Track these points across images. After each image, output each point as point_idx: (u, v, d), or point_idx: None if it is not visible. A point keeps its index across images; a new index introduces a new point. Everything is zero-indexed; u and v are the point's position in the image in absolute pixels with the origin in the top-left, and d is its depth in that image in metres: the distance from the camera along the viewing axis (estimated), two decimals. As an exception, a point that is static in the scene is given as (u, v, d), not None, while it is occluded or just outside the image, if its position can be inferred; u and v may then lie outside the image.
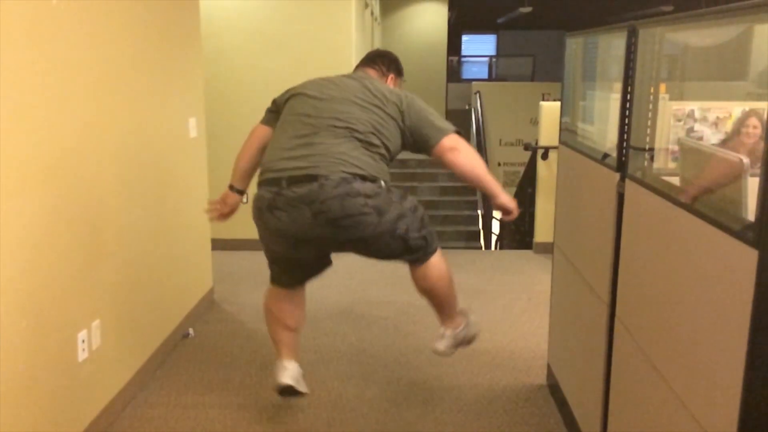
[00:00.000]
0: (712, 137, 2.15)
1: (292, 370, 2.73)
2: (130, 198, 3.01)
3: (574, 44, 3.01)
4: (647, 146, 2.09)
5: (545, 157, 5.51)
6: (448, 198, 10.13)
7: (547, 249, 4.72)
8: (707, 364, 1.50)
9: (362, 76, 2.67)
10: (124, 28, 2.93)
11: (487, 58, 17.30)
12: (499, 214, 2.76)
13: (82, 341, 2.58)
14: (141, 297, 3.16)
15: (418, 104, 2.55)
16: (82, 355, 2.58)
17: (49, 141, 2.34)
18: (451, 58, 14.71)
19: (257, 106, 5.51)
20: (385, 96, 2.51)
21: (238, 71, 5.50)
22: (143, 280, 3.18)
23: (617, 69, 2.19)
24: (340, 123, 2.43)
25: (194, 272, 4.02)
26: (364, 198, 2.35)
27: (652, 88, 2.09)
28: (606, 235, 2.22)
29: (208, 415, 2.92)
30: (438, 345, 2.78)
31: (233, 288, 4.61)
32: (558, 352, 3.04)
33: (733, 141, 2.10)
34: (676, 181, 1.86)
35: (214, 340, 3.73)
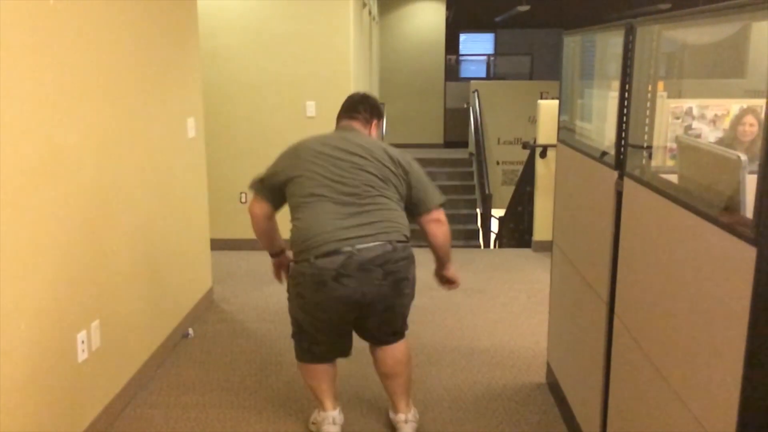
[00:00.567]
0: (710, 135, 2.15)
1: (340, 418, 2.72)
2: (128, 198, 3.01)
3: (572, 43, 3.01)
4: (645, 144, 2.09)
5: (544, 155, 5.51)
6: (447, 197, 10.07)
7: (546, 247, 4.73)
8: (706, 361, 1.50)
9: (357, 135, 2.63)
10: (122, 28, 2.93)
11: (485, 57, 17.28)
12: (440, 281, 2.88)
13: (82, 342, 2.58)
14: (140, 297, 3.16)
15: (417, 168, 2.65)
16: (82, 356, 2.58)
17: (47, 142, 2.34)
18: (449, 56, 14.69)
19: (255, 106, 5.55)
20: (392, 158, 2.58)
21: (236, 71, 5.50)
22: (142, 281, 3.18)
23: (615, 67, 2.19)
24: (373, 191, 2.49)
25: (193, 272, 4.02)
26: (413, 262, 2.54)
27: (650, 86, 2.09)
28: (604, 233, 2.22)
29: (208, 415, 2.92)
30: None
31: (233, 288, 4.61)
32: (557, 351, 3.04)
33: (730, 138, 2.11)
34: (674, 178, 1.86)
35: (213, 340, 3.73)
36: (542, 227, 5.60)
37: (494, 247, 9.36)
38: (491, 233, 9.45)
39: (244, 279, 4.82)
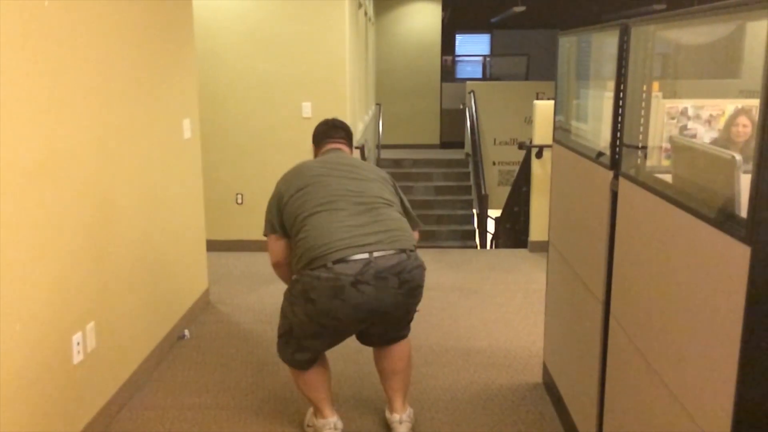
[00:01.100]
0: (705, 135, 2.16)
1: (340, 424, 2.70)
2: (124, 200, 3.01)
3: (568, 43, 3.01)
4: (640, 144, 2.10)
5: (540, 155, 5.52)
6: (443, 197, 10.13)
7: (542, 247, 4.73)
8: (701, 360, 1.50)
9: (351, 157, 2.74)
10: (117, 29, 2.92)
11: (481, 58, 17.31)
12: None
13: (77, 343, 2.57)
14: (136, 298, 3.15)
15: (400, 191, 2.73)
16: (78, 358, 2.58)
17: (41, 144, 2.33)
18: (445, 57, 14.70)
19: (251, 108, 5.55)
20: (385, 179, 2.67)
21: (232, 72, 5.50)
22: (138, 282, 3.17)
23: (610, 67, 2.20)
24: (382, 200, 2.53)
25: (189, 273, 4.01)
26: (424, 269, 2.55)
27: (645, 86, 2.09)
28: (600, 233, 2.22)
29: (204, 417, 2.92)
30: None
31: (229, 289, 4.61)
32: (553, 350, 3.05)
33: (724, 139, 2.11)
34: (669, 178, 1.86)
35: (209, 342, 3.72)
36: (538, 227, 5.61)
37: (491, 247, 9.37)
38: (488, 233, 9.46)
39: (240, 280, 4.81)
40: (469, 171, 10.86)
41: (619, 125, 2.12)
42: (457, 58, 17.18)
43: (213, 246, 4.87)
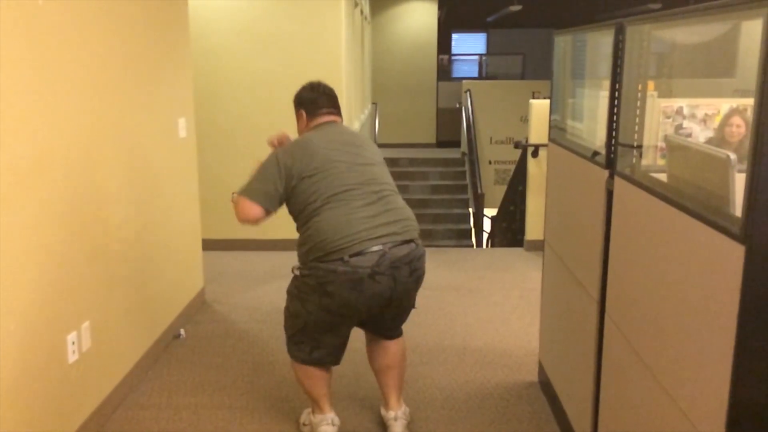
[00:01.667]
0: (700, 134, 2.16)
1: (337, 420, 2.71)
2: (119, 199, 3.00)
3: (563, 42, 3.02)
4: (636, 143, 2.10)
5: (535, 154, 5.52)
6: (439, 196, 10.14)
7: (538, 246, 4.74)
8: (696, 359, 1.51)
9: (351, 133, 2.74)
10: (112, 28, 2.91)
11: (477, 57, 17.32)
12: None
13: (72, 343, 2.56)
14: (131, 298, 3.14)
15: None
16: (72, 357, 2.57)
17: (37, 142, 2.33)
18: (441, 56, 14.70)
19: (246, 106, 5.54)
20: (382, 159, 2.71)
21: (227, 71, 5.48)
22: (133, 281, 3.17)
23: (606, 67, 2.20)
24: (389, 187, 2.57)
25: (185, 272, 4.01)
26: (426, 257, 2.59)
27: (640, 86, 2.10)
28: (595, 232, 2.23)
29: (200, 417, 2.91)
30: (399, 430, 2.72)
31: (224, 288, 4.60)
32: (549, 349, 3.05)
33: (718, 139, 2.12)
34: (664, 177, 1.87)
35: (205, 341, 3.72)
36: (534, 226, 5.61)
37: (486, 246, 9.37)
38: (483, 232, 9.46)
39: (236, 279, 4.80)
40: (465, 170, 10.87)
41: (615, 124, 2.12)
42: (453, 57, 17.19)
43: (209, 245, 4.85)
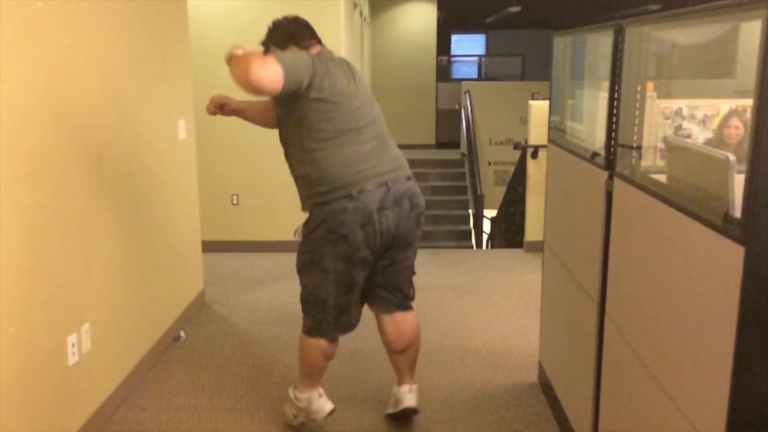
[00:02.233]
0: (700, 135, 2.16)
1: (322, 391, 2.74)
2: (119, 201, 3.00)
3: (562, 43, 3.02)
4: (635, 144, 2.10)
5: (535, 156, 5.52)
6: (439, 197, 10.14)
7: (538, 247, 4.73)
8: (696, 360, 1.51)
9: (348, 65, 2.77)
10: (112, 30, 2.92)
11: (476, 58, 17.34)
12: None
13: (72, 345, 2.56)
14: (131, 300, 3.14)
15: None
16: (72, 359, 2.57)
17: (36, 144, 2.33)
18: (440, 57, 14.71)
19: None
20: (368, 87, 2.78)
21: (227, 73, 5.45)
22: (133, 283, 3.17)
23: (605, 68, 2.20)
24: (382, 123, 2.64)
25: (185, 274, 4.01)
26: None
27: (640, 87, 2.10)
28: (595, 233, 2.23)
29: (200, 418, 2.91)
30: (412, 402, 2.76)
31: (224, 290, 4.60)
32: (549, 350, 3.05)
33: (717, 141, 2.12)
34: (664, 179, 1.87)
35: (205, 343, 3.72)
36: (534, 227, 5.61)
37: (486, 247, 9.38)
38: (483, 234, 9.46)
39: (235, 281, 4.80)
40: (464, 171, 10.87)
41: (614, 125, 2.12)
42: (453, 58, 17.20)
43: (208, 247, 4.85)
